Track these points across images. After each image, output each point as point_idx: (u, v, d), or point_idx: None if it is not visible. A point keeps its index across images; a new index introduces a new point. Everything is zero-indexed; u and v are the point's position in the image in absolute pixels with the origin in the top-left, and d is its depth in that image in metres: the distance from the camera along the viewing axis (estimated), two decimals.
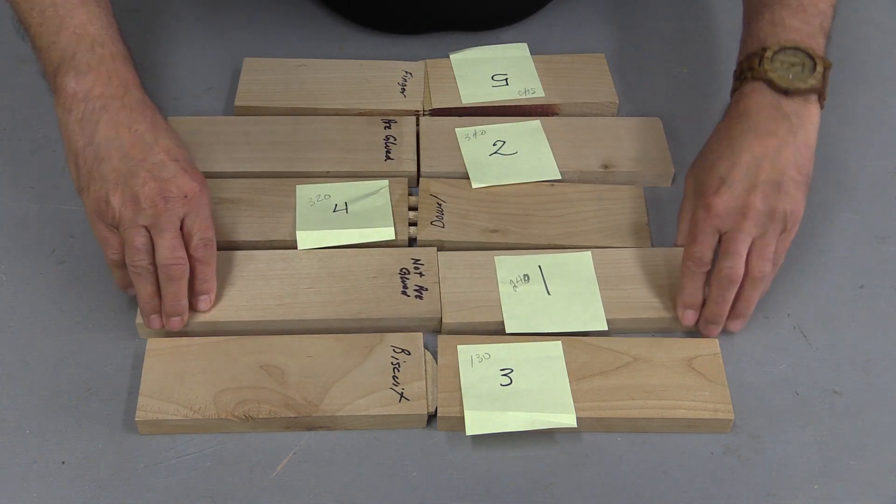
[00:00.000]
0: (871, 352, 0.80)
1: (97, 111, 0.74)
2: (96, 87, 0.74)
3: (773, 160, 0.75)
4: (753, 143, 0.76)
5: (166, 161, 0.73)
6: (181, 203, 0.73)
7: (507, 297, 0.80)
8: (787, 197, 0.75)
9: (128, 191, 0.72)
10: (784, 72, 0.77)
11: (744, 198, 0.75)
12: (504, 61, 1.00)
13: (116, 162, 0.73)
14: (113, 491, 0.71)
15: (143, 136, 0.73)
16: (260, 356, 0.76)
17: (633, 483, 0.72)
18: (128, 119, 0.74)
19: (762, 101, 0.77)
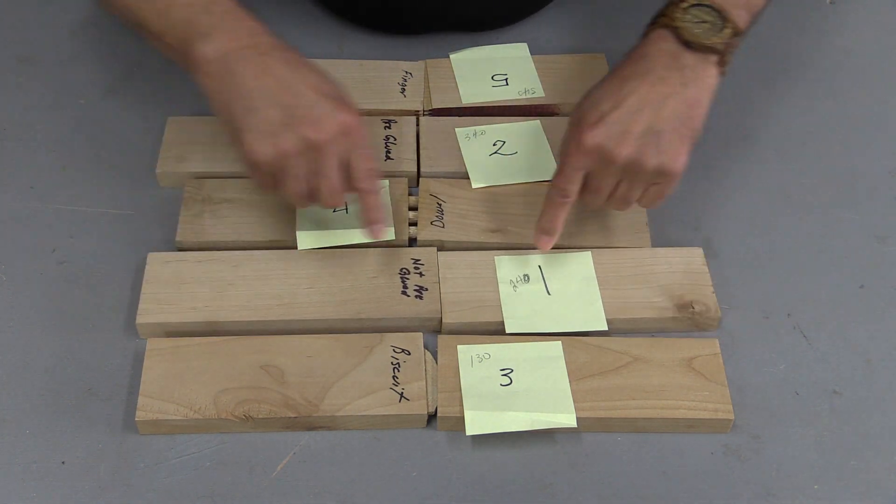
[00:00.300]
0: (871, 352, 0.80)
1: (235, 63, 0.72)
2: (226, 43, 0.72)
3: (657, 108, 0.73)
4: (642, 86, 0.74)
5: (318, 100, 0.72)
6: (340, 140, 0.72)
7: (507, 297, 0.80)
8: (665, 150, 0.73)
9: (287, 138, 0.71)
10: (692, 25, 0.75)
11: (616, 140, 0.73)
12: (504, 61, 1.00)
13: (267, 111, 0.71)
14: (113, 491, 0.71)
15: (287, 79, 0.72)
16: (260, 356, 0.76)
17: (633, 483, 0.72)
18: (267, 65, 0.72)
19: (663, 48, 0.75)
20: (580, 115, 0.75)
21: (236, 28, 0.73)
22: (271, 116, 0.71)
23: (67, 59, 1.02)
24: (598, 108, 0.74)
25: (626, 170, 0.74)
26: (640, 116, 0.73)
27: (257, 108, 0.71)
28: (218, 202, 0.86)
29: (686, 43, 0.75)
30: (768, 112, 0.99)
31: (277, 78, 0.72)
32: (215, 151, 0.90)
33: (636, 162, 0.73)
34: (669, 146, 0.74)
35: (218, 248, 0.83)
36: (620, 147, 0.73)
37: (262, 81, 0.71)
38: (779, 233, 0.88)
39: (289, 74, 0.72)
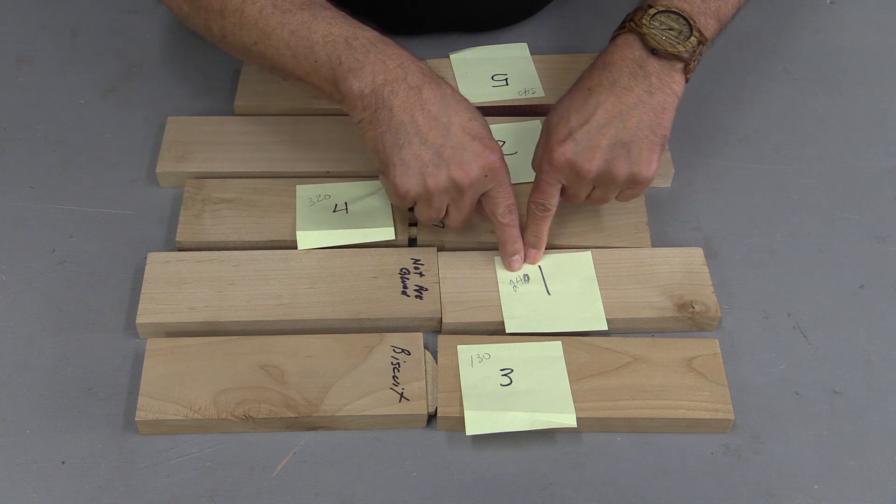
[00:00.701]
0: (871, 352, 0.80)
1: (387, 97, 0.73)
2: (378, 77, 0.73)
3: (624, 119, 0.75)
4: (609, 98, 0.75)
5: (465, 142, 0.74)
6: (483, 181, 0.75)
7: (507, 297, 0.80)
8: (635, 159, 0.76)
9: (435, 178, 0.74)
10: (659, 32, 0.76)
11: (585, 156, 0.75)
12: (504, 61, 1.00)
13: (417, 147, 0.73)
14: (113, 491, 0.71)
15: (437, 116, 0.73)
16: (260, 356, 0.76)
17: (633, 483, 0.72)
18: (418, 100, 0.73)
19: (627, 56, 0.76)
20: (549, 130, 0.78)
21: (383, 60, 0.74)
22: (421, 154, 0.73)
23: (67, 59, 1.02)
24: (567, 124, 0.76)
25: (598, 180, 0.77)
26: (607, 130, 0.75)
27: (408, 143, 0.73)
28: (218, 202, 0.86)
29: (652, 50, 0.76)
30: (768, 112, 0.99)
31: (428, 115, 0.73)
32: (215, 151, 0.90)
33: (607, 174, 0.76)
34: (639, 155, 0.76)
35: (218, 248, 0.83)
36: (590, 162, 0.76)
37: (413, 116, 0.73)
38: (779, 233, 0.88)
39: (440, 111, 0.74)
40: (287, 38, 0.75)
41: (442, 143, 0.73)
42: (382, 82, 0.73)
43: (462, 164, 0.74)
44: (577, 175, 0.77)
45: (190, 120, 0.93)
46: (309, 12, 0.76)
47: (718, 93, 1.00)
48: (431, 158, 0.74)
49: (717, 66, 1.03)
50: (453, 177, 0.74)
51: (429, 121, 0.73)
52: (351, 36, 0.74)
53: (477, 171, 0.74)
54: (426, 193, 0.75)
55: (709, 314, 0.80)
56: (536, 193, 0.79)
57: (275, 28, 0.75)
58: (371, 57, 0.74)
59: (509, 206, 0.78)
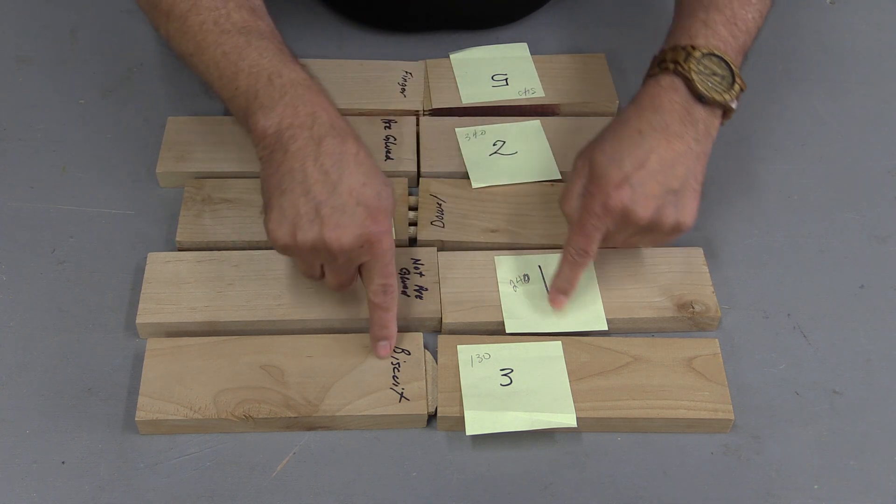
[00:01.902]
0: (871, 352, 0.80)
1: (286, 142, 0.70)
2: (285, 120, 0.71)
3: (674, 167, 0.73)
4: (662, 143, 0.73)
5: (349, 205, 0.69)
6: (358, 252, 0.70)
7: (507, 297, 0.80)
8: (681, 208, 0.74)
9: (305, 233, 0.69)
10: (705, 78, 0.75)
11: (641, 203, 0.73)
12: (504, 61, 1.00)
13: (297, 197, 0.69)
14: (113, 491, 0.71)
15: (328, 172, 0.69)
16: (260, 356, 0.76)
17: (633, 483, 0.72)
18: (316, 151, 0.70)
19: (675, 100, 0.75)
20: (601, 171, 0.74)
21: (296, 104, 0.71)
22: (299, 205, 0.69)
23: (67, 59, 1.02)
24: (621, 168, 0.73)
25: (643, 230, 0.75)
26: (660, 177, 0.73)
27: (290, 191, 0.69)
28: (218, 202, 0.86)
29: (698, 96, 0.75)
30: (768, 112, 0.99)
31: (320, 168, 0.69)
32: (215, 151, 0.90)
33: (655, 222, 0.74)
34: (684, 204, 0.74)
35: (218, 248, 0.83)
36: (644, 209, 0.73)
37: (304, 165, 0.69)
38: (779, 233, 0.88)
39: (332, 168, 0.70)
40: (218, 59, 0.74)
41: (324, 199, 0.69)
42: (287, 126, 0.71)
43: (338, 226, 0.69)
44: (628, 221, 0.73)
45: (190, 120, 0.93)
46: (245, 38, 0.74)
47: None
48: (307, 212, 0.69)
49: None
50: (325, 237, 0.69)
51: (318, 174, 0.69)
52: (275, 73, 0.72)
53: (351, 239, 0.69)
54: (294, 247, 0.70)
55: (709, 314, 0.80)
56: (580, 238, 0.75)
57: (210, 45, 0.74)
58: (286, 98, 0.71)
59: (384, 285, 0.72)
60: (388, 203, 0.71)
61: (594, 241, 0.75)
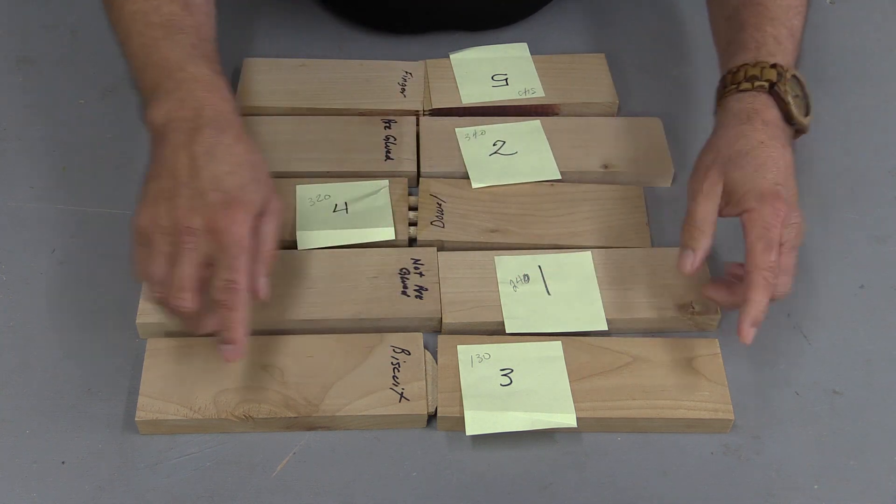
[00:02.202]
0: (871, 352, 0.80)
1: (167, 135, 0.70)
2: (171, 113, 0.71)
3: (793, 174, 0.75)
4: (783, 152, 0.75)
5: (206, 190, 0.67)
6: (204, 239, 0.67)
7: (507, 298, 0.80)
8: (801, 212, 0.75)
9: (159, 212, 0.67)
10: (793, 100, 0.77)
11: (793, 204, 0.74)
12: (504, 61, 1.00)
13: (163, 181, 0.68)
14: (113, 491, 0.71)
15: (195, 159, 0.68)
16: (260, 356, 0.76)
17: (633, 483, 0.72)
18: (189, 141, 0.69)
19: (776, 116, 0.77)
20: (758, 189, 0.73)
21: (185, 99, 0.71)
22: (163, 189, 0.68)
23: (67, 59, 1.02)
24: (770, 178, 0.73)
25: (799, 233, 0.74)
26: (791, 180, 0.75)
27: (160, 176, 0.69)
28: None
29: (788, 117, 0.77)
30: None
31: (190, 155, 0.69)
32: None
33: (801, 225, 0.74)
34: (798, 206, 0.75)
35: None
36: (794, 212, 0.73)
37: (175, 153, 0.69)
38: None
39: (201, 156, 0.69)
40: (136, 50, 0.75)
41: (184, 182, 0.68)
42: (172, 118, 0.70)
43: (188, 209, 0.67)
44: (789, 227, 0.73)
45: None
46: (164, 31, 0.75)
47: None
48: (167, 195, 0.68)
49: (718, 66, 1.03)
50: (176, 215, 0.66)
51: (187, 160, 0.68)
52: (178, 68, 0.73)
53: (199, 223, 0.66)
54: (150, 229, 0.67)
55: (708, 314, 0.80)
56: (765, 256, 0.71)
57: (133, 35, 0.76)
58: (179, 93, 0.71)
59: (228, 281, 0.66)
60: (252, 197, 0.69)
61: (777, 252, 0.72)
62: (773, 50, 0.79)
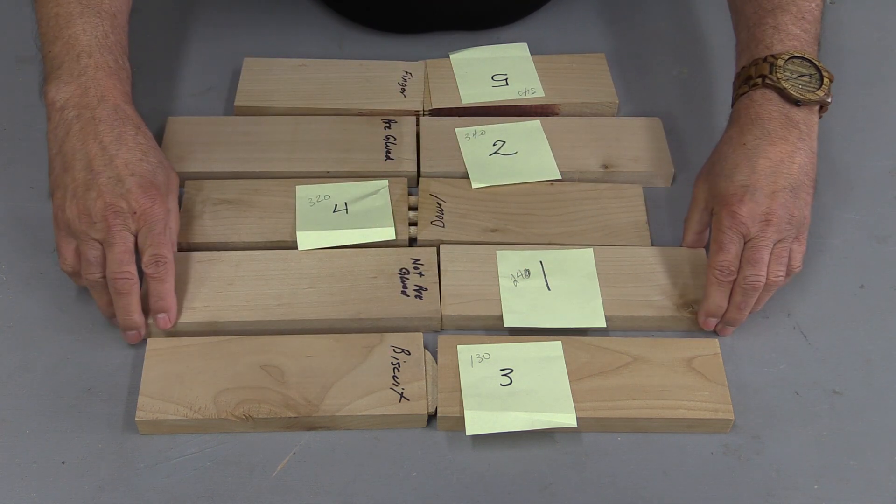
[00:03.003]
0: (871, 352, 0.80)
1: (70, 121, 0.75)
2: (73, 98, 0.75)
3: (788, 166, 0.77)
4: (768, 149, 0.77)
5: (123, 176, 0.74)
6: (132, 219, 0.73)
7: (507, 292, 0.80)
8: (801, 202, 0.77)
9: (82, 203, 0.73)
10: (794, 82, 0.78)
11: (766, 204, 0.76)
12: (504, 61, 1.00)
13: (78, 173, 0.74)
14: (113, 491, 0.71)
15: (106, 148, 0.74)
16: (260, 356, 0.76)
17: (633, 483, 0.72)
18: (95, 130, 0.75)
19: (772, 109, 0.78)
20: (718, 191, 0.78)
21: (89, 87, 0.76)
22: (78, 179, 0.74)
23: None
24: (736, 181, 0.77)
25: (779, 229, 0.76)
26: (777, 177, 0.76)
27: (72, 168, 0.74)
28: (217, 203, 0.86)
29: (794, 101, 0.78)
30: None
31: (98, 145, 0.74)
32: (215, 151, 0.90)
33: (787, 218, 0.76)
34: (804, 196, 0.77)
35: (217, 248, 0.83)
36: (772, 207, 0.76)
37: (84, 144, 0.74)
38: None
39: (110, 145, 0.74)
40: (49, 18, 0.78)
41: (101, 171, 0.73)
42: (74, 104, 0.75)
43: (110, 194, 0.73)
44: (765, 222, 0.76)
45: (190, 120, 0.93)
46: (80, 8, 0.78)
47: (719, 93, 1.00)
48: (84, 185, 0.73)
49: (718, 66, 1.03)
50: (100, 206, 0.73)
51: (97, 150, 0.74)
52: (86, 52, 0.77)
53: (124, 205, 0.73)
54: (77, 219, 0.73)
55: None
56: (720, 255, 0.76)
57: (48, 4, 0.78)
58: (83, 79, 0.76)
59: (155, 256, 0.74)
60: (161, 180, 0.76)
61: (734, 255, 0.76)
62: (771, 42, 0.80)
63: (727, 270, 0.77)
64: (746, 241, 0.76)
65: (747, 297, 0.77)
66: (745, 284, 0.77)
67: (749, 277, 0.76)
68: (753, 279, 0.76)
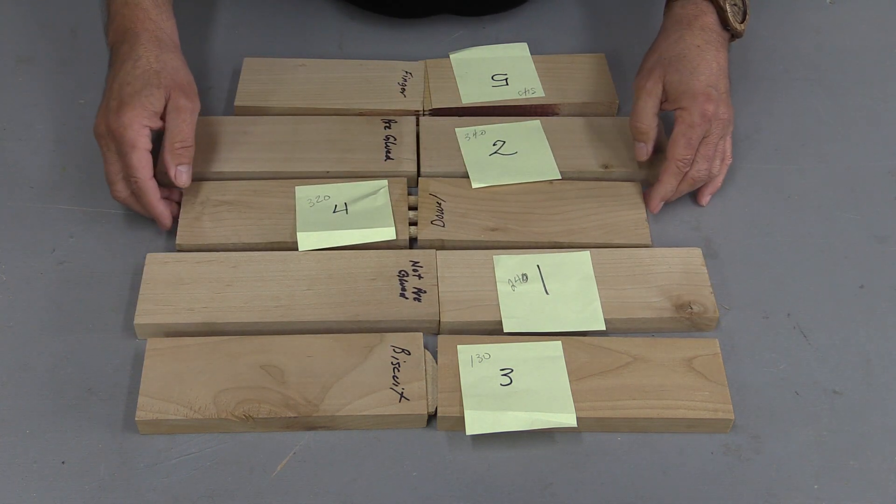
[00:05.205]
0: (871, 352, 0.80)
1: (112, 54, 0.85)
2: (117, 35, 0.85)
3: (726, 71, 0.87)
4: (717, 54, 0.86)
5: (110, 100, 0.81)
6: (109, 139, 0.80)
7: (506, 297, 0.80)
8: (730, 105, 0.86)
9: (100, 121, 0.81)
10: (731, 8, 0.87)
11: (723, 104, 0.85)
12: (504, 61, 1.00)
13: (106, 94, 0.82)
14: (113, 491, 0.71)
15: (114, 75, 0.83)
16: (260, 356, 0.76)
17: (633, 483, 0.72)
18: (113, 58, 0.84)
19: (711, 22, 0.88)
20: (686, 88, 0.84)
21: (123, 22, 0.85)
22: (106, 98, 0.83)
23: (67, 59, 1.02)
24: (702, 80, 0.85)
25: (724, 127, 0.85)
26: (724, 80, 0.86)
27: (110, 88, 0.83)
28: (217, 204, 0.86)
29: (724, 22, 0.88)
30: (768, 112, 0.99)
31: (112, 72, 0.84)
32: (214, 152, 0.90)
33: (728, 119, 0.86)
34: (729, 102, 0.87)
35: (218, 250, 0.83)
36: (722, 109, 0.85)
37: (114, 70, 0.84)
38: (779, 233, 0.88)
39: (113, 71, 0.84)
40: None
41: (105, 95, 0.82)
42: (115, 42, 0.85)
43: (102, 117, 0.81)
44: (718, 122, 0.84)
45: None
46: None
47: None
48: (104, 105, 0.82)
49: None
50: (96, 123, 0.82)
51: (110, 77, 0.83)
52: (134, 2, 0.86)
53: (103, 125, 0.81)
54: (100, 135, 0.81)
55: (707, 315, 0.80)
56: (683, 149, 0.84)
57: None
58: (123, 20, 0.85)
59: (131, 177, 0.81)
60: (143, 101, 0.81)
61: (695, 149, 0.84)
62: None
63: (688, 163, 0.84)
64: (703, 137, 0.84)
65: (692, 187, 0.87)
66: (696, 176, 0.85)
67: (701, 171, 0.85)
68: (704, 173, 0.86)
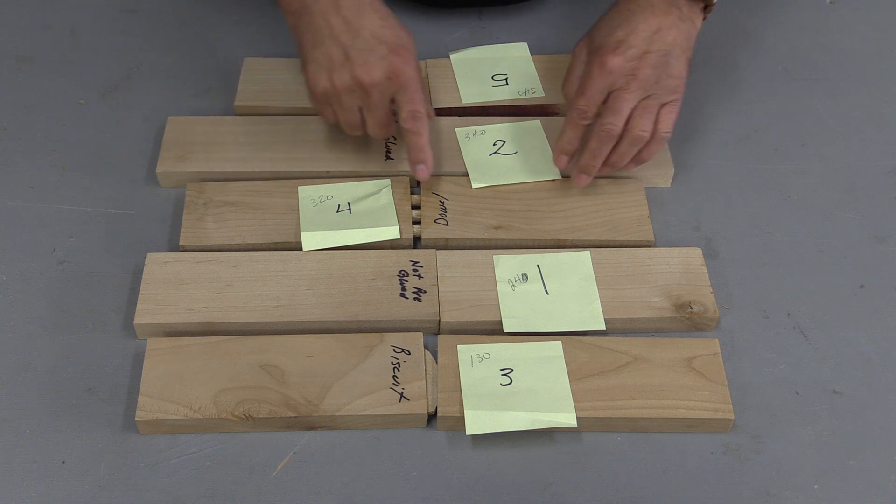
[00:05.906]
0: (871, 352, 0.80)
1: (309, 4, 0.81)
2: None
3: (664, 34, 0.82)
4: (650, 17, 0.82)
5: (372, 44, 0.79)
6: (386, 84, 0.79)
7: (506, 297, 0.80)
8: (673, 70, 0.82)
9: (339, 75, 0.79)
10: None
11: (636, 61, 0.81)
12: (504, 61, 1.00)
13: (328, 47, 0.80)
14: (113, 491, 0.71)
15: (350, 21, 0.79)
16: (260, 356, 0.76)
17: (633, 483, 0.72)
18: (334, 6, 0.80)
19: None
20: (596, 45, 0.83)
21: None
22: (331, 53, 0.80)
23: (67, 59, 1.02)
24: (615, 36, 0.82)
25: (645, 86, 0.81)
26: (652, 41, 0.81)
27: (321, 44, 0.80)
28: (220, 205, 0.86)
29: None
30: (768, 112, 0.99)
31: (342, 19, 0.80)
32: (215, 151, 0.90)
33: (654, 78, 0.81)
34: (676, 66, 0.82)
35: (221, 251, 0.83)
36: (640, 65, 0.81)
37: (328, 20, 0.80)
38: (779, 233, 0.88)
39: (353, 16, 0.80)
40: None
41: (350, 44, 0.79)
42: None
43: (366, 64, 0.79)
44: (632, 76, 0.80)
45: (190, 120, 0.93)
46: None
47: (718, 93, 1.00)
48: (339, 58, 0.79)
49: (717, 65, 1.03)
50: (356, 75, 0.79)
51: (341, 24, 0.79)
52: None
53: (379, 73, 0.79)
54: (334, 91, 0.80)
55: (707, 315, 0.80)
56: (581, 99, 0.82)
57: None
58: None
59: (412, 111, 0.81)
60: (407, 41, 0.81)
61: (595, 101, 0.82)
62: None
63: (584, 114, 0.82)
64: (611, 91, 0.81)
65: (602, 144, 0.82)
66: (602, 131, 0.82)
67: (606, 125, 0.81)
68: (610, 127, 0.81)
